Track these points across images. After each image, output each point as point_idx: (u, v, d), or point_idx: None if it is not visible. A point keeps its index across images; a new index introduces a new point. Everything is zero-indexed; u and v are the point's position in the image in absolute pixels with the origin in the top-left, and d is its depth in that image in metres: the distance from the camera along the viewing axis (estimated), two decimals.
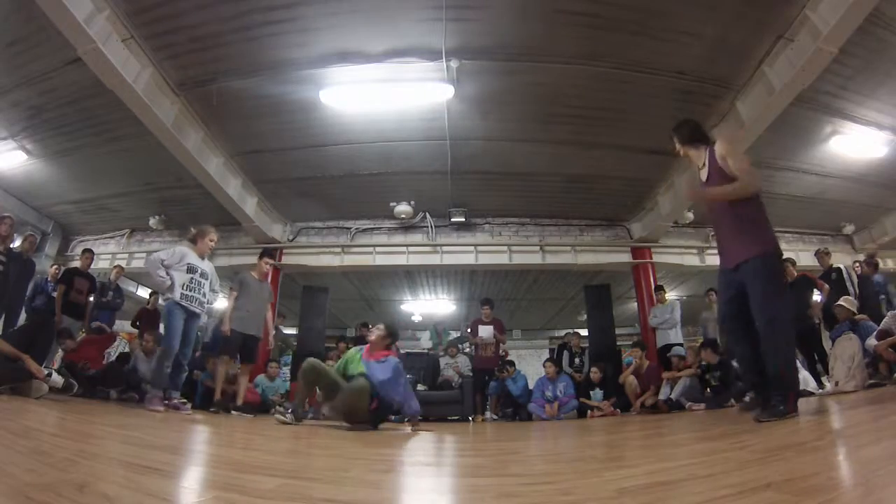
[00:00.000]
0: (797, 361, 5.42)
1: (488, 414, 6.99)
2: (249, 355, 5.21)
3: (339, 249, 8.19)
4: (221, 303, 5.69)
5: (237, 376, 5.27)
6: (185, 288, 4.28)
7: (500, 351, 7.11)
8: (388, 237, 8.24)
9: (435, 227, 8.07)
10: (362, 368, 3.82)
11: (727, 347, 5.81)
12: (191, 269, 4.36)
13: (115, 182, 7.21)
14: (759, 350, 2.65)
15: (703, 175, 2.88)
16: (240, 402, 5.06)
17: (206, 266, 4.55)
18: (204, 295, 4.47)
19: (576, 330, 10.28)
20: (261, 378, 6.43)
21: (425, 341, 8.95)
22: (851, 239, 8.77)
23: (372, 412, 3.72)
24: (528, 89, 5.26)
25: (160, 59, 4.77)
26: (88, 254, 6.67)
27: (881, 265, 6.61)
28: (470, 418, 6.40)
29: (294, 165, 6.66)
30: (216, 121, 5.70)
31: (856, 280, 6.20)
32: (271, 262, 5.57)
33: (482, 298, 7.77)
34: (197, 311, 4.41)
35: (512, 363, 6.85)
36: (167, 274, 4.25)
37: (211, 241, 4.60)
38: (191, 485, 1.28)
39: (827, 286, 6.14)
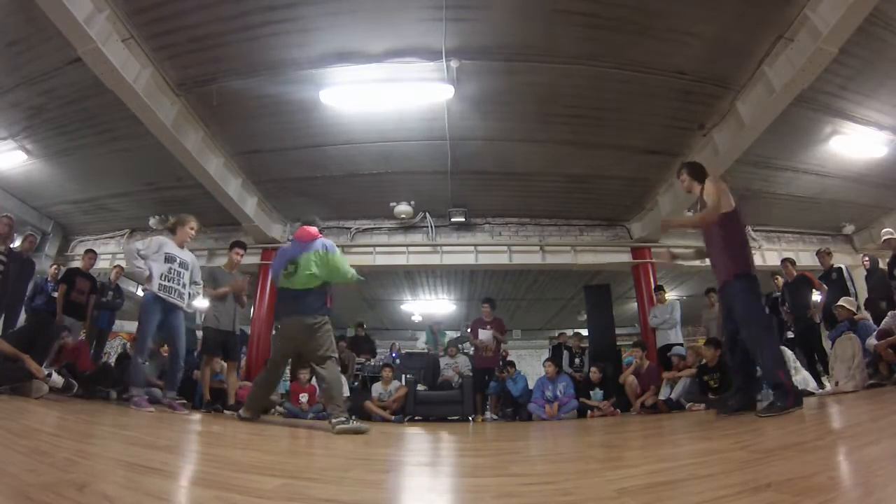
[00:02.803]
0: (797, 361, 5.46)
1: (488, 414, 6.99)
2: (231, 353, 5.22)
3: (339, 249, 8.17)
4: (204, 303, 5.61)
5: (227, 376, 5.27)
6: (162, 278, 4.15)
7: (501, 351, 7.10)
8: (388, 237, 8.24)
9: (435, 227, 8.07)
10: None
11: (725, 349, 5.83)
12: (169, 259, 4.22)
13: (115, 182, 7.20)
14: (746, 356, 3.24)
15: (697, 207, 3.64)
16: (231, 400, 5.03)
17: (185, 256, 4.42)
18: (183, 286, 4.32)
19: (576, 330, 10.29)
20: (236, 384, 6.41)
21: (421, 342, 8.92)
22: (851, 239, 8.76)
23: None
24: (527, 89, 5.25)
25: (160, 59, 4.76)
26: (91, 254, 6.67)
27: (881, 265, 6.60)
28: (470, 418, 6.40)
29: (294, 165, 6.65)
30: (216, 121, 5.70)
31: (857, 278, 6.19)
32: (242, 252, 5.48)
33: (483, 297, 7.77)
34: (177, 302, 4.25)
35: (512, 364, 6.85)
36: (145, 264, 4.13)
37: (191, 229, 4.46)
38: (190, 485, 1.28)
39: (825, 287, 6.14)
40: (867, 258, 6.47)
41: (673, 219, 3.68)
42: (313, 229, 3.88)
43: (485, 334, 6.85)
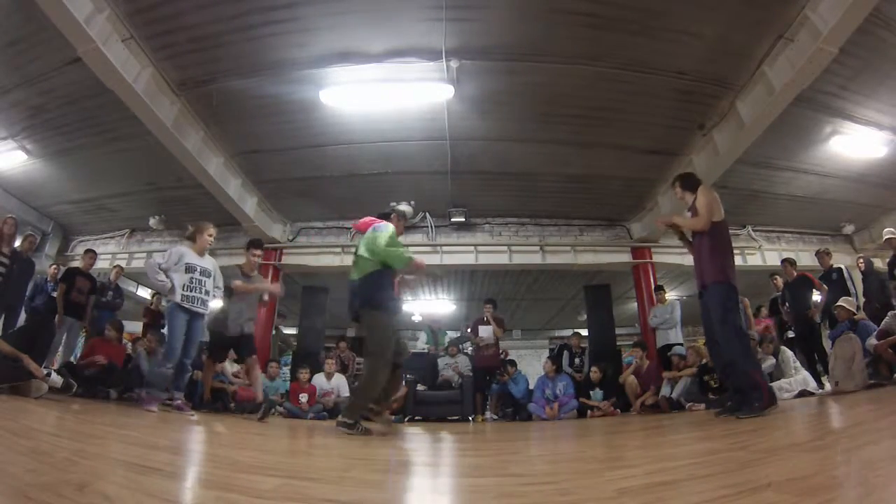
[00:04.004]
0: (796, 361, 5.47)
1: (488, 414, 6.99)
2: (246, 349, 5.00)
3: (339, 249, 8.18)
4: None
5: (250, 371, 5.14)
6: (185, 289, 4.26)
7: (500, 351, 7.10)
8: None
9: (435, 227, 8.06)
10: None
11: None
12: (189, 269, 4.33)
13: (115, 182, 7.20)
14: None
15: (689, 213, 3.71)
16: (260, 396, 4.92)
17: (206, 263, 4.50)
18: (206, 293, 4.43)
19: (576, 330, 10.29)
20: (261, 378, 6.42)
21: (421, 343, 8.89)
22: (851, 239, 8.76)
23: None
24: (527, 89, 5.25)
25: (160, 59, 4.76)
26: (91, 254, 6.69)
27: (880, 265, 6.60)
28: (470, 418, 6.40)
29: (294, 165, 6.65)
30: (216, 121, 5.69)
31: (856, 279, 6.19)
32: (260, 252, 5.21)
33: (486, 298, 7.78)
34: (200, 310, 4.37)
35: (513, 363, 6.86)
36: (167, 277, 4.23)
37: (209, 235, 4.54)
38: (191, 485, 1.28)
39: (825, 287, 6.14)
40: (862, 259, 6.48)
41: (671, 217, 3.77)
42: (369, 218, 3.73)
43: (486, 330, 6.86)
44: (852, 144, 6.12)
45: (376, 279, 3.35)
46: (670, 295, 9.45)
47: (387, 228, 3.49)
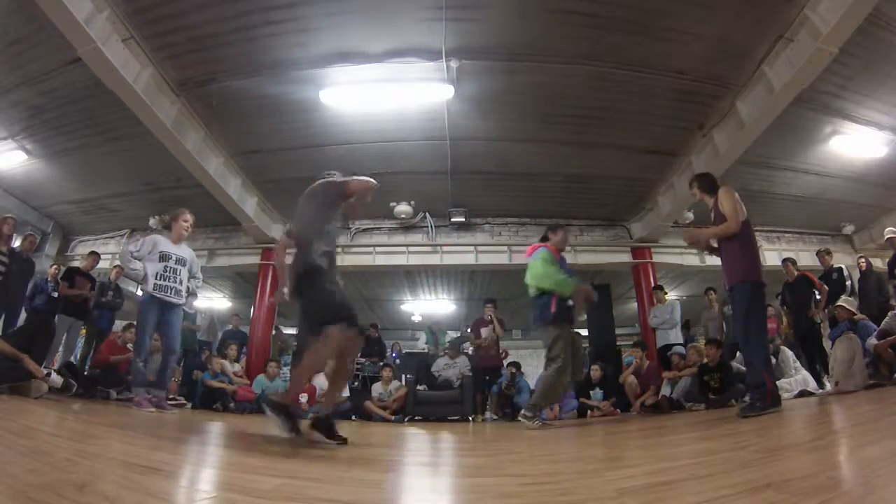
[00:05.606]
0: (797, 361, 5.47)
1: (488, 414, 6.99)
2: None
3: (338, 249, 8.18)
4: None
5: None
6: (157, 277, 4.15)
7: (500, 351, 7.10)
8: (388, 237, 8.23)
9: (435, 227, 8.06)
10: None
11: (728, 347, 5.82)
12: (164, 257, 4.22)
13: (115, 182, 7.20)
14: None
15: (711, 216, 3.66)
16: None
17: (182, 252, 4.38)
18: (181, 282, 4.29)
19: (576, 330, 10.26)
20: (260, 378, 6.43)
21: (422, 342, 8.90)
22: (851, 239, 8.76)
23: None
24: (528, 89, 5.25)
25: (160, 59, 4.76)
26: (94, 256, 6.72)
27: (881, 265, 6.60)
28: (470, 418, 6.40)
29: (294, 165, 6.64)
30: (216, 121, 5.69)
31: (857, 279, 6.19)
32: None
33: (486, 298, 7.78)
34: (174, 300, 4.24)
35: (517, 365, 6.86)
36: (140, 265, 4.14)
37: (185, 222, 4.40)
38: (191, 485, 1.28)
39: (826, 287, 6.14)
40: (863, 260, 6.48)
41: (699, 231, 3.82)
42: (531, 245, 4.42)
43: (487, 331, 6.86)
44: (852, 144, 6.12)
45: (542, 300, 4.07)
46: (670, 295, 9.45)
47: (536, 258, 4.16)
